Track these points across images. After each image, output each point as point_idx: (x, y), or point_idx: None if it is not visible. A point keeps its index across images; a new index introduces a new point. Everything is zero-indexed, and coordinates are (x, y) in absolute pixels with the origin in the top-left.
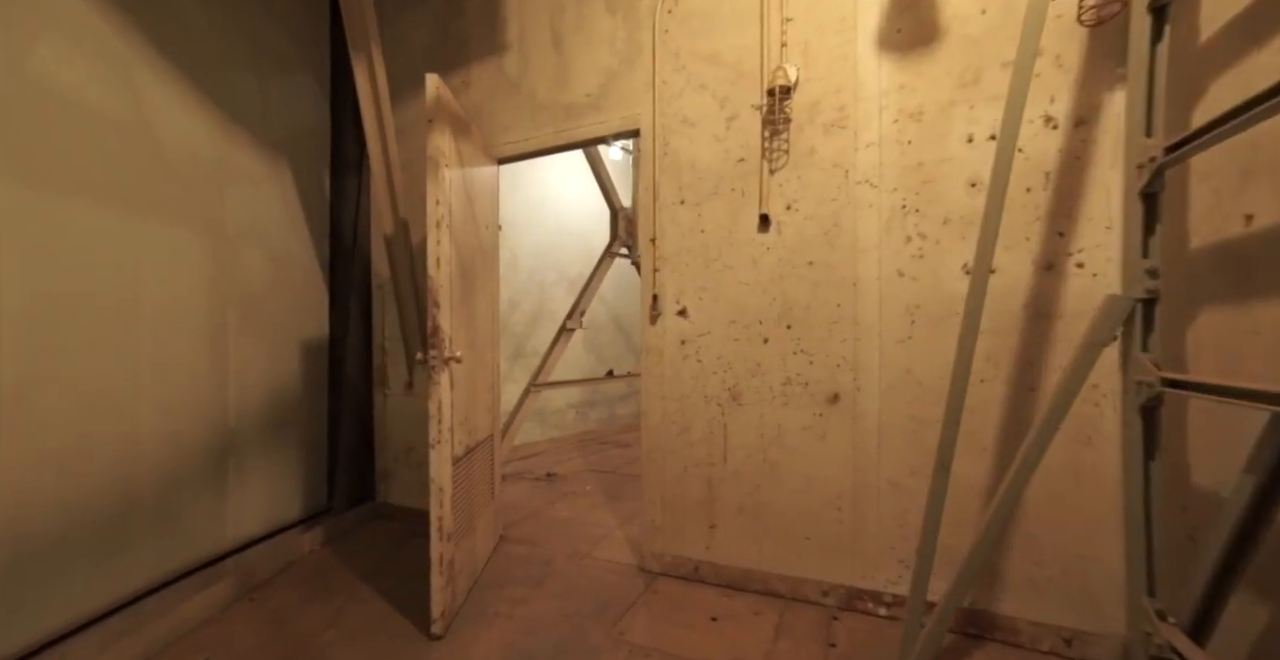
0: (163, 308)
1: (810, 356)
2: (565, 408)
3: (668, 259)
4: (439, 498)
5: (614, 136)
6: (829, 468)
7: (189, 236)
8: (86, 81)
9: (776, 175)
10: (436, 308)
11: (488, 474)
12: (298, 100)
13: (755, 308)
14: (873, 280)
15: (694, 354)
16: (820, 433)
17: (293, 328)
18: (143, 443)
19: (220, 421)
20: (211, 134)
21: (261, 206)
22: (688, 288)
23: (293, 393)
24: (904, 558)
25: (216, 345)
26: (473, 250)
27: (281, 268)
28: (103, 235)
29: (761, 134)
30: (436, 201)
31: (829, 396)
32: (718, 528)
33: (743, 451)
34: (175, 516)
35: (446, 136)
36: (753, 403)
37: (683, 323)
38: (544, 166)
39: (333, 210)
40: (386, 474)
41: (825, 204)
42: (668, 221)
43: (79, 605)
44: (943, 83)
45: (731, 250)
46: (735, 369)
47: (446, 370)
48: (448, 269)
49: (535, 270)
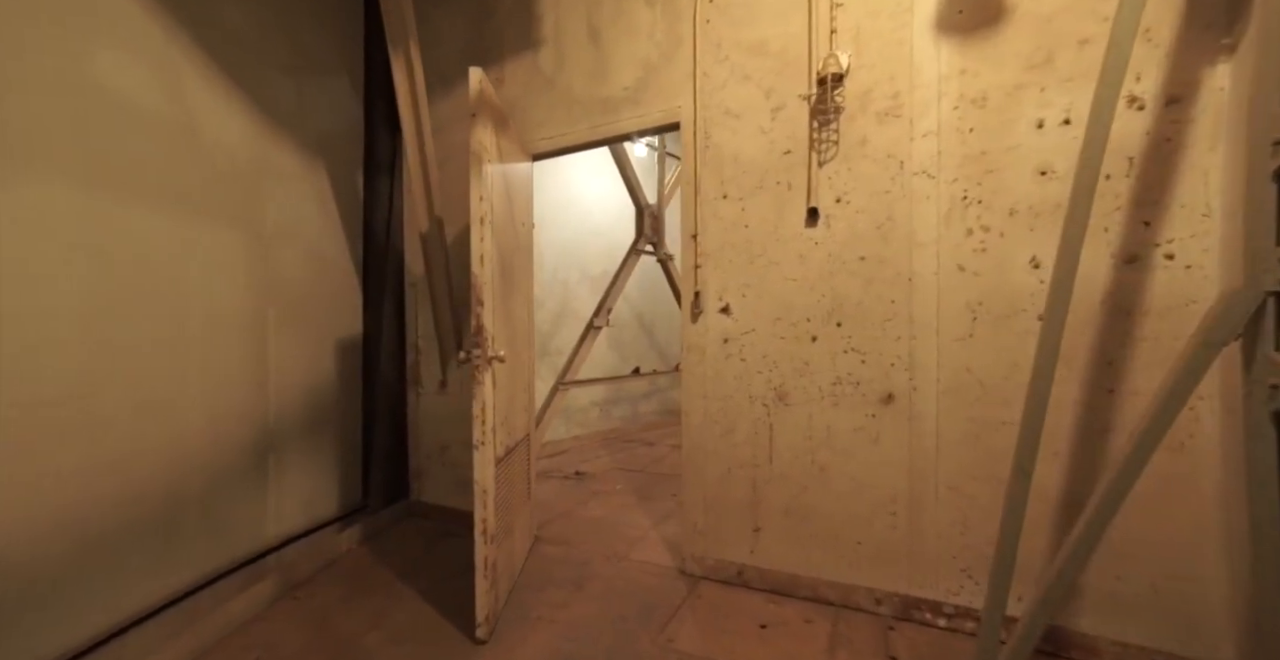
0: (208, 307)
1: (862, 355)
2: (589, 406)
3: (710, 255)
4: (483, 499)
5: (653, 130)
6: (882, 471)
7: (231, 236)
8: (140, 85)
9: (826, 167)
10: (480, 306)
11: (524, 474)
12: (333, 101)
13: (803, 305)
14: (930, 275)
15: (737, 353)
16: (873, 434)
17: (328, 327)
18: (190, 442)
19: (261, 420)
20: (251, 134)
21: (298, 206)
22: (730, 284)
23: (328, 392)
24: (966, 567)
25: (257, 345)
26: (511, 248)
27: (317, 267)
28: (154, 235)
29: (809, 125)
30: (480, 197)
31: (882, 397)
32: (762, 531)
33: (789, 453)
34: (220, 515)
35: (489, 131)
36: (800, 403)
37: (725, 320)
38: (567, 165)
39: (366, 210)
40: (420, 472)
41: (878, 197)
42: (709, 216)
43: (136, 601)
44: (1009, 65)
45: (777, 246)
46: (781, 368)
47: (490, 370)
48: (490, 266)
49: (559, 269)
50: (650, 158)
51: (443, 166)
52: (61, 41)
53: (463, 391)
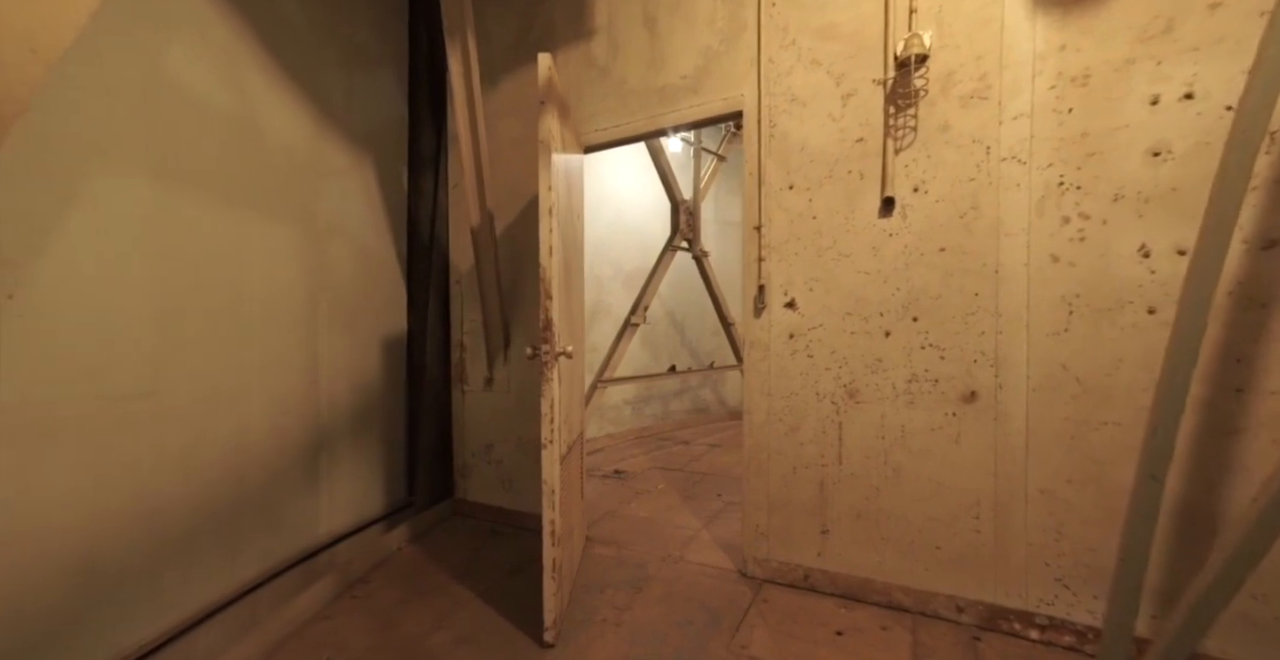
0: (266, 302)
1: (941, 351)
2: (621, 404)
3: (775, 248)
4: (550, 500)
5: (713, 120)
6: (963, 473)
7: (287, 231)
8: (207, 82)
9: (902, 155)
10: (549, 299)
11: (579, 473)
12: (379, 95)
13: (875, 299)
14: (1019, 267)
15: (804, 348)
16: (953, 434)
17: (374, 322)
18: (251, 436)
19: (314, 416)
20: (306, 130)
21: (346, 201)
22: (797, 278)
23: (374, 388)
24: (1061, 575)
25: (309, 340)
26: (570, 240)
27: (364, 262)
28: (216, 230)
29: (885, 111)
30: (549, 187)
31: (964, 395)
32: (831, 533)
33: (860, 453)
34: (278, 510)
35: (556, 119)
36: (872, 401)
37: (791, 315)
38: (600, 160)
39: (409, 206)
40: (465, 471)
41: (961, 185)
42: (774, 208)
43: (203, 595)
44: (1119, 38)
45: (848, 237)
46: (852, 364)
47: (557, 365)
48: (558, 258)
49: (592, 266)
50: (685, 153)
51: (491, 161)
52: (138, 39)
53: (510, 388)
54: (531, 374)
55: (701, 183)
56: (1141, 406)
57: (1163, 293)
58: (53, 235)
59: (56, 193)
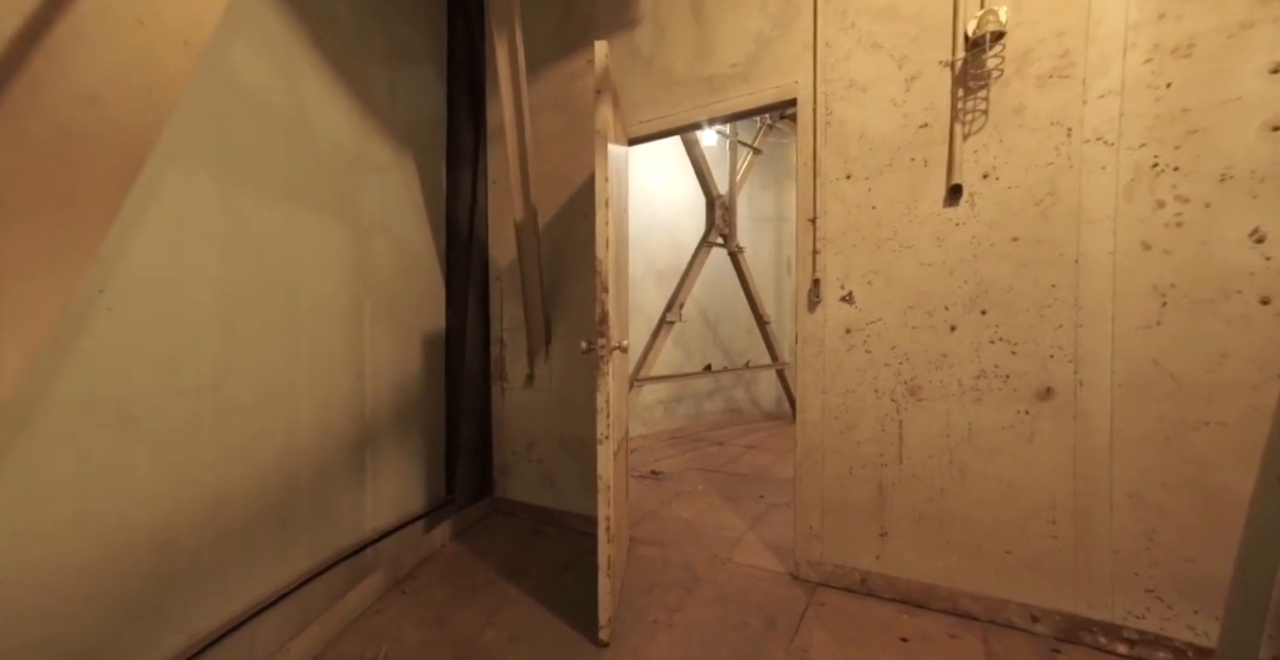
0: (317, 298)
1: (1012, 346)
2: (654, 404)
3: (831, 240)
4: (605, 496)
5: (765, 109)
6: (1038, 473)
7: (335, 228)
8: (267, 79)
9: (971, 140)
10: (605, 292)
11: (624, 471)
12: (420, 91)
13: (940, 292)
14: (1103, 255)
15: (861, 344)
16: (1025, 433)
17: (415, 319)
18: (301, 433)
19: (359, 412)
20: (352, 126)
21: (389, 197)
22: (854, 271)
23: (415, 385)
24: (1153, 587)
25: (355, 336)
26: (618, 231)
27: (405, 258)
28: (273, 226)
29: (952, 94)
30: (605, 178)
31: (1038, 392)
32: (890, 536)
33: (922, 452)
34: (326, 505)
35: (610, 108)
36: (936, 398)
37: (847, 310)
38: (633, 157)
39: (448, 201)
40: (505, 469)
41: (1036, 170)
42: (831, 198)
43: (262, 587)
44: (1229, 1)
45: (910, 228)
46: (914, 360)
47: (612, 360)
48: (612, 252)
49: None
50: (720, 146)
51: (533, 153)
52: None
53: (551, 386)
54: (574, 371)
55: (738, 176)
56: (1252, 406)
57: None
58: (134, 233)
59: (138, 191)
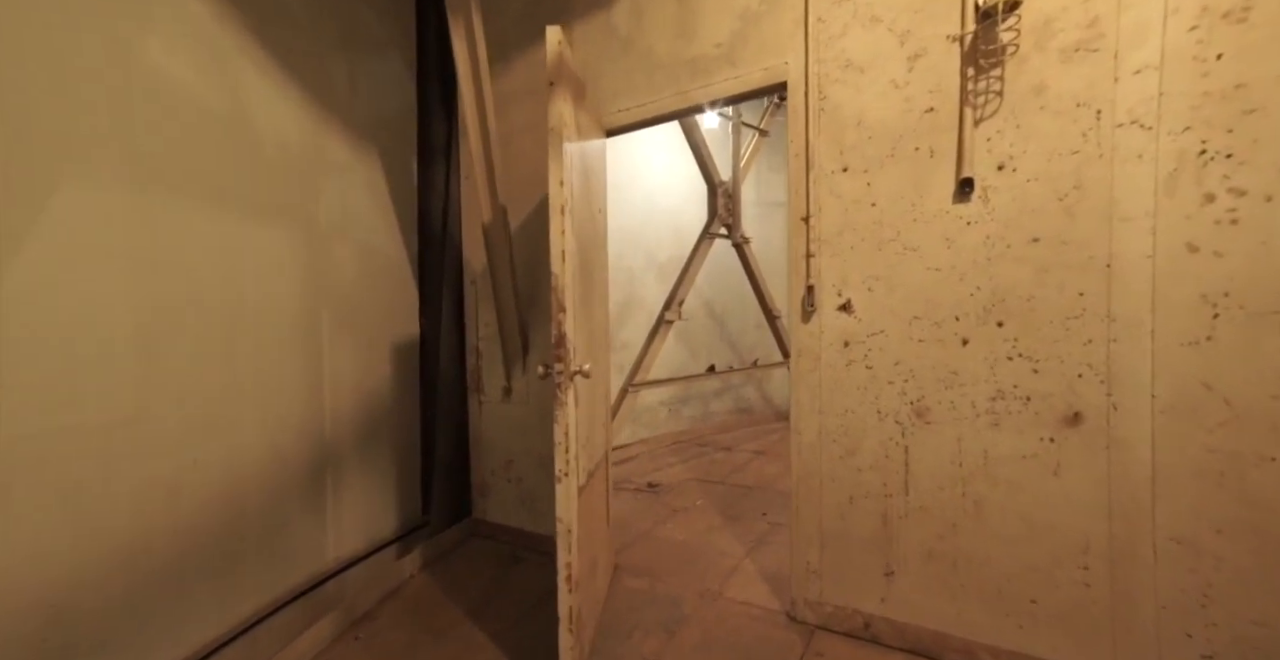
0: (262, 311)
1: (1034, 362)
2: (657, 406)
3: (826, 241)
4: (566, 541)
5: (753, 94)
6: (1065, 511)
7: (283, 234)
8: (190, 73)
9: (984, 126)
10: (562, 312)
11: (604, 497)
12: (385, 82)
13: (949, 300)
14: (1140, 259)
15: (861, 358)
16: (1050, 464)
17: (383, 328)
18: (246, 460)
19: (317, 432)
20: (303, 122)
21: (351, 197)
22: (853, 276)
23: (384, 399)
24: (1212, 652)
25: (312, 351)
26: (589, 239)
27: (371, 263)
28: (204, 236)
29: (961, 73)
30: (560, 182)
31: (1064, 416)
32: (897, 576)
33: (931, 482)
34: (279, 537)
35: (568, 103)
36: (946, 421)
37: (846, 320)
38: (630, 139)
39: (420, 201)
40: (484, 489)
41: (1060, 159)
42: (826, 194)
43: (195, 635)
44: None
45: (915, 227)
46: (920, 378)
47: (573, 387)
48: (572, 263)
49: (622, 256)
50: (723, 129)
51: (504, 148)
52: (112, 25)
53: (529, 399)
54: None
55: (741, 161)
56: None
57: None
58: (18, 252)
59: (21, 204)
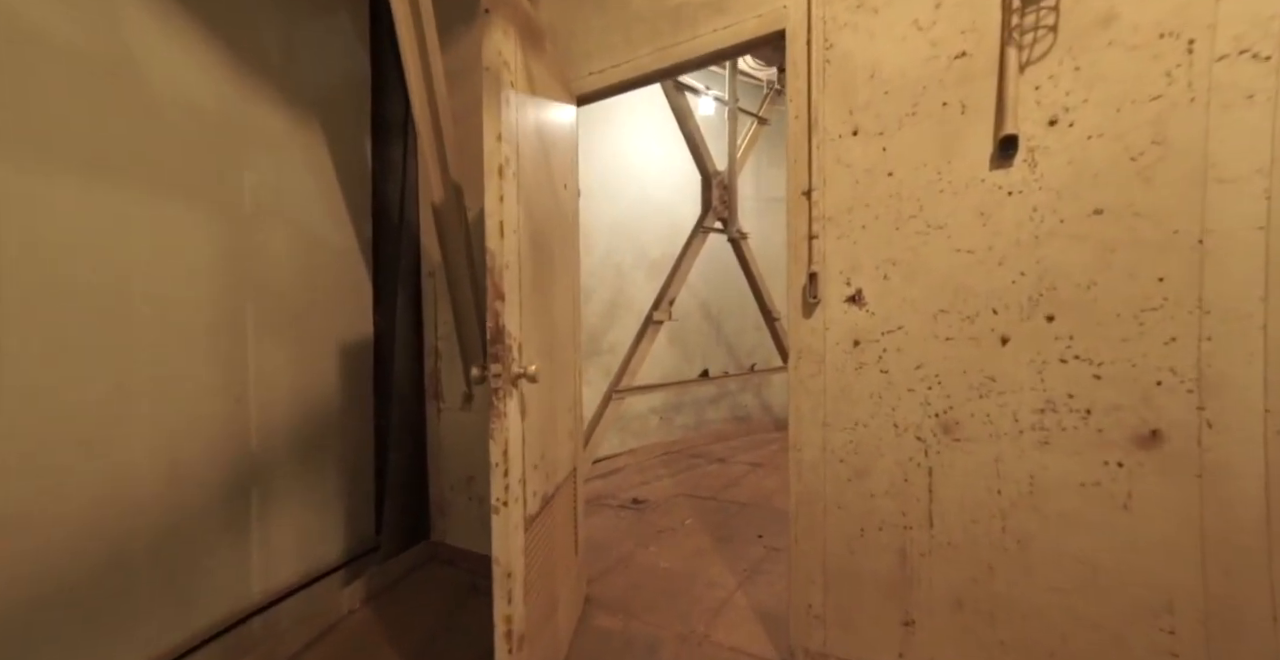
0: (160, 305)
1: (1095, 366)
2: (647, 413)
3: (832, 220)
4: (505, 588)
5: (746, 46)
6: (1141, 556)
7: (194, 212)
8: (60, 16)
9: (1033, 71)
10: (500, 300)
11: (570, 521)
12: (332, 47)
13: (985, 289)
14: (1246, 232)
15: (874, 361)
16: (1117, 495)
17: (328, 326)
18: (135, 480)
19: (240, 445)
20: (222, 86)
21: (287, 177)
22: (864, 261)
23: (331, 406)
24: None
25: (232, 351)
26: (548, 216)
27: (313, 252)
28: (80, 213)
29: (1004, 5)
30: (498, 136)
31: (1137, 435)
32: (918, 627)
33: (961, 513)
34: (183, 572)
35: (511, 40)
36: (981, 438)
37: (856, 314)
38: (618, 126)
39: (375, 183)
40: (443, 507)
41: (1135, 108)
42: (832, 163)
43: None
44: None
45: (942, 200)
46: (948, 384)
47: (516, 394)
48: (516, 241)
49: (611, 251)
50: (719, 116)
51: (460, 124)
52: None
53: None
54: None
55: (739, 151)
56: None
57: None
58: None
59: None
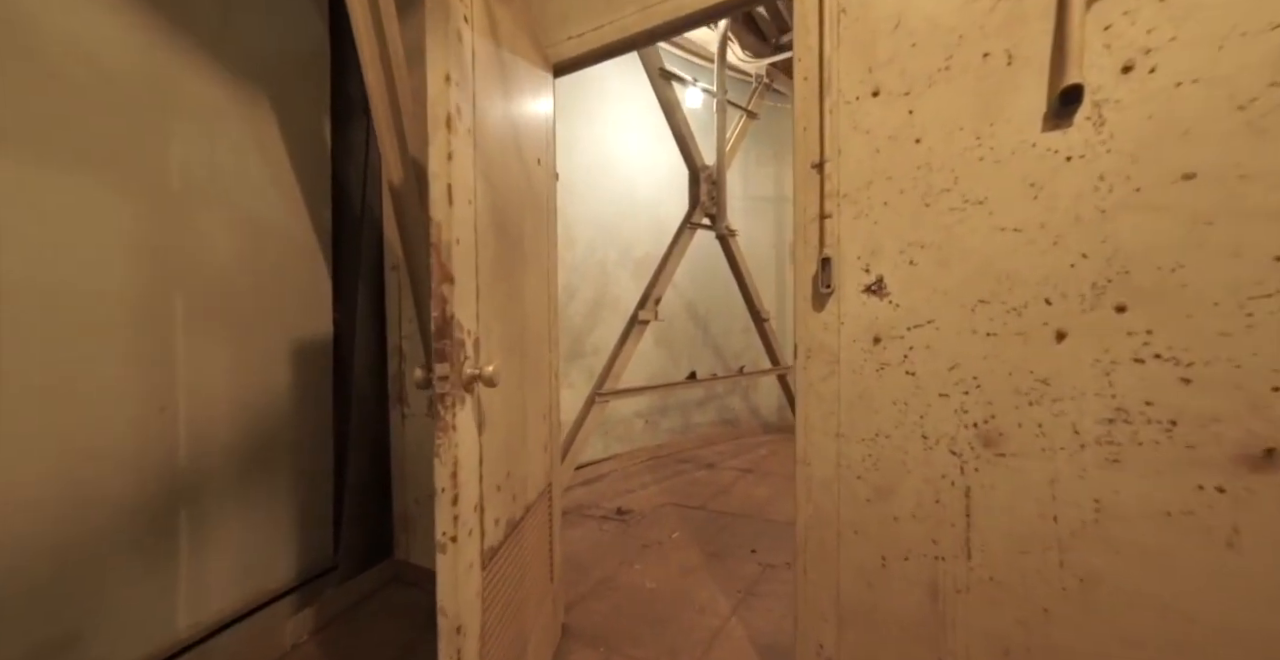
0: (55, 297)
1: (1183, 367)
2: (632, 417)
3: (848, 196)
4: (453, 646)
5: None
6: (1253, 607)
7: (103, 189)
8: None
9: (1101, 6)
10: (449, 283)
11: (544, 548)
12: (279, 16)
13: (1035, 275)
14: None
15: (899, 361)
16: (1218, 528)
17: (280, 325)
18: (19, 503)
19: (165, 460)
20: (141, 46)
21: (227, 155)
22: (886, 244)
23: (282, 414)
24: None
25: (156, 352)
26: (517, 193)
27: (261, 242)
28: None
29: None
30: (445, 77)
31: (1243, 453)
32: None
33: (1007, 542)
34: (87, 610)
35: None
36: (1031, 453)
37: (877, 306)
38: (603, 119)
39: (336, 168)
40: (407, 523)
41: (1244, 42)
42: (848, 130)
43: None
44: None
45: (982, 170)
46: (990, 388)
47: (470, 400)
48: (471, 212)
49: (594, 248)
50: (706, 110)
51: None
52: None
53: None
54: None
55: (727, 145)
56: None
57: None
58: None
59: None
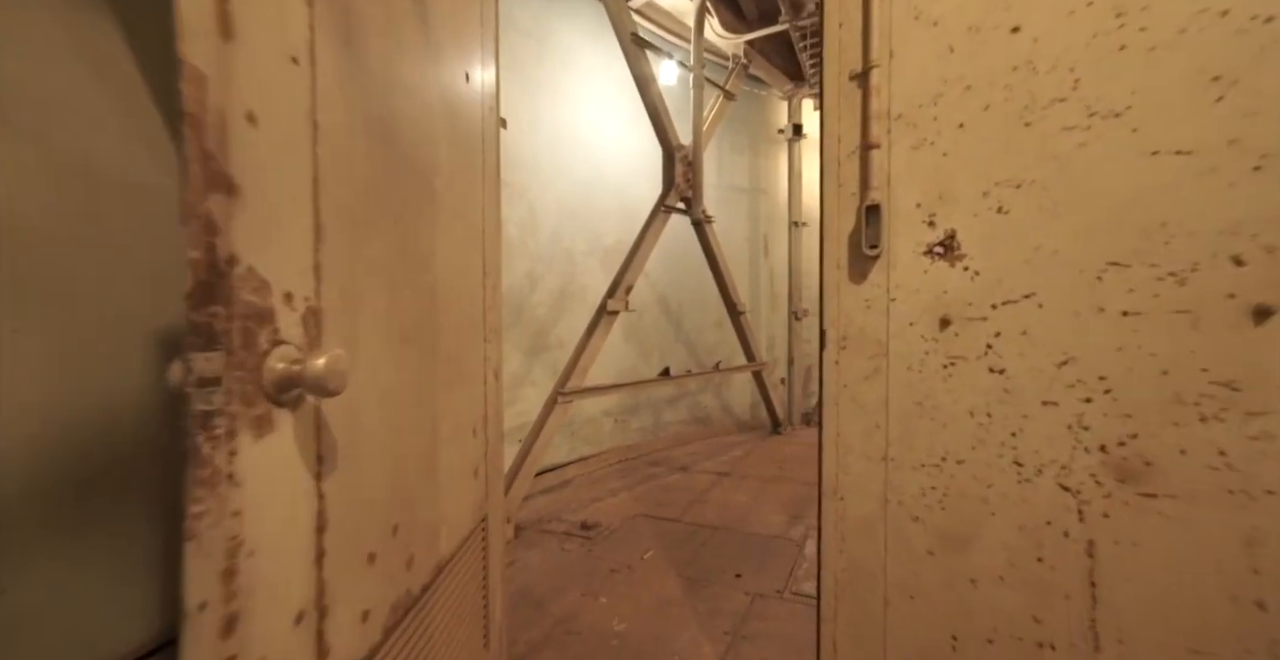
0: None
1: None
2: (600, 416)
3: (905, 118)
4: None
5: None
6: None
7: None
8: None
9: None
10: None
11: (476, 607)
12: None
13: (1215, 219)
14: None
15: (978, 353)
16: None
17: (131, 301)
18: None
19: None
20: None
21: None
22: (962, 183)
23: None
24: None
25: None
26: (418, 104)
27: (95, 192)
28: None
29: None
30: None
31: None
32: None
33: (1166, 627)
34: None
35: None
36: (1202, 493)
37: (946, 272)
38: (570, 97)
39: None
40: None
41: None
42: (907, 20)
43: None
44: None
45: (1122, 64)
46: (1127, 394)
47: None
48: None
49: (560, 235)
50: (681, 85)
51: None
52: None
53: None
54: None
55: (704, 125)
56: None
57: None
58: None
59: None
